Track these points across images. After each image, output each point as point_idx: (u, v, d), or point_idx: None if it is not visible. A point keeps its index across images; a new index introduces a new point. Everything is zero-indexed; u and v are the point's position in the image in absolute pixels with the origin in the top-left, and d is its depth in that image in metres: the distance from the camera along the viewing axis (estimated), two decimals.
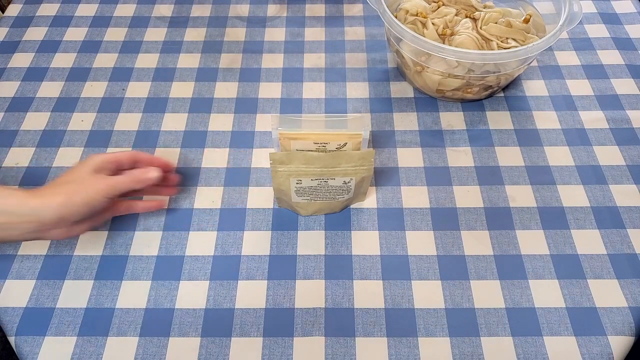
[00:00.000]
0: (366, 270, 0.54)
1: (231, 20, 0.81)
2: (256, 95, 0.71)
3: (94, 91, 0.71)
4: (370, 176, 0.53)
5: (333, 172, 0.51)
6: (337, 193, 0.54)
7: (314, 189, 0.53)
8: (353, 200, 0.58)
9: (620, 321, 0.50)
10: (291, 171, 0.51)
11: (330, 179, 0.51)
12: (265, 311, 0.52)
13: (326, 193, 0.54)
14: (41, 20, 0.81)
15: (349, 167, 0.51)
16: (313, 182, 0.52)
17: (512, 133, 0.66)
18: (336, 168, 0.51)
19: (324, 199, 0.55)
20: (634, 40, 0.77)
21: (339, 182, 0.52)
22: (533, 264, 0.54)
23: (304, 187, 0.52)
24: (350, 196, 0.56)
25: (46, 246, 0.56)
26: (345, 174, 0.51)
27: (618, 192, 0.60)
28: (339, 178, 0.52)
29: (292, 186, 0.52)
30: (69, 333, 0.50)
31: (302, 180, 0.51)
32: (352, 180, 0.52)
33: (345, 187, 0.53)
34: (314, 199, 0.55)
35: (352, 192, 0.54)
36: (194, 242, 0.57)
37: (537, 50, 0.58)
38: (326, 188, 0.53)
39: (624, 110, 0.68)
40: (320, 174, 0.51)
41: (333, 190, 0.53)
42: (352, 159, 0.51)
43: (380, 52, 0.76)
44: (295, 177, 0.51)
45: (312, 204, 0.56)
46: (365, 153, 0.51)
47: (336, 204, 0.57)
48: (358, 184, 0.54)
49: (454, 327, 0.50)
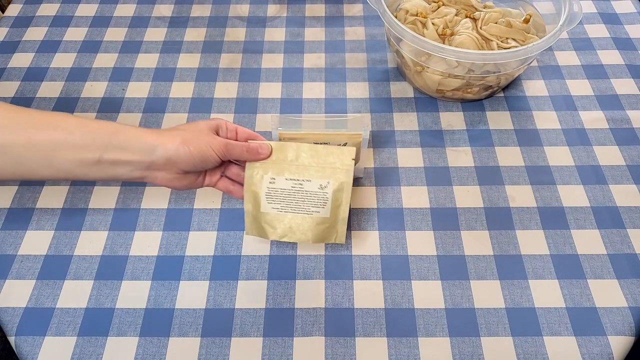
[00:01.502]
0: (366, 270, 0.54)
1: (231, 20, 0.81)
2: (256, 95, 0.71)
3: (94, 91, 0.71)
4: (349, 185, 0.49)
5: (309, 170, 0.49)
6: (311, 202, 0.50)
7: (287, 193, 0.50)
8: (330, 232, 0.51)
9: (620, 321, 0.50)
10: (266, 165, 0.49)
11: (305, 180, 0.49)
12: (265, 311, 0.52)
13: (300, 202, 0.50)
14: (41, 20, 0.81)
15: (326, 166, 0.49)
16: (287, 182, 0.49)
17: (512, 133, 0.66)
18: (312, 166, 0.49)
19: (297, 211, 0.50)
20: (634, 40, 0.77)
21: (314, 186, 0.49)
22: (533, 264, 0.54)
23: (276, 188, 0.49)
24: (327, 216, 0.50)
25: (46, 246, 0.56)
26: (322, 174, 0.49)
27: (618, 192, 0.60)
28: (315, 180, 0.49)
29: (265, 186, 0.49)
30: (69, 333, 0.50)
31: (275, 179, 0.49)
32: (329, 184, 0.49)
33: (321, 194, 0.49)
34: (285, 209, 0.50)
35: (328, 207, 0.50)
36: (194, 242, 0.57)
37: (537, 50, 0.58)
38: (301, 194, 0.50)
39: (624, 110, 0.68)
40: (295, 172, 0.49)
41: (308, 198, 0.50)
42: (332, 156, 0.49)
43: (380, 52, 0.76)
44: (269, 174, 0.49)
45: (283, 218, 0.50)
46: (345, 150, 0.49)
47: (310, 225, 0.50)
48: (335, 196, 0.50)
49: (454, 327, 0.50)
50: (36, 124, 0.39)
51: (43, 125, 0.40)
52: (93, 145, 0.41)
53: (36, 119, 0.40)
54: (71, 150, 0.40)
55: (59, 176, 0.42)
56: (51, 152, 0.40)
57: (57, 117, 0.41)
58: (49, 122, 0.40)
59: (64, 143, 0.40)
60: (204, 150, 0.45)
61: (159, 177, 0.46)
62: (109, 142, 0.42)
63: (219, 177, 0.51)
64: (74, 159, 0.41)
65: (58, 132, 0.40)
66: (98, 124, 0.42)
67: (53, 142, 0.40)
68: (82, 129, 0.41)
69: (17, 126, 0.39)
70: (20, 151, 0.39)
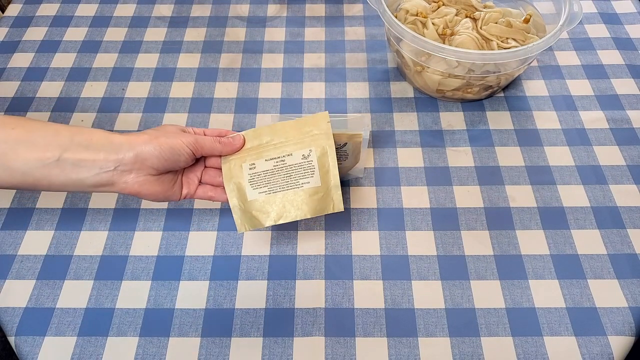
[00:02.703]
0: (366, 270, 0.54)
1: (231, 20, 0.81)
2: (256, 95, 0.71)
3: (94, 91, 0.71)
4: (332, 149, 0.46)
5: (287, 144, 0.47)
6: (298, 174, 0.47)
7: (270, 173, 0.47)
8: (327, 202, 0.48)
9: (621, 321, 0.50)
10: (242, 155, 0.47)
11: (287, 155, 0.46)
12: (265, 311, 0.52)
13: (286, 178, 0.47)
14: (41, 20, 0.81)
15: (305, 137, 0.47)
16: (268, 163, 0.47)
17: (512, 133, 0.66)
18: (290, 140, 0.47)
19: (286, 188, 0.47)
20: (634, 40, 0.77)
21: (297, 158, 0.46)
22: (533, 264, 0.54)
23: (258, 172, 0.47)
24: (318, 184, 0.47)
25: (46, 246, 0.56)
26: (302, 145, 0.46)
27: (618, 192, 0.60)
28: (296, 153, 0.46)
29: (246, 174, 0.47)
30: (69, 333, 0.50)
31: (255, 163, 0.47)
32: (312, 152, 0.46)
33: (306, 164, 0.46)
34: (274, 189, 0.47)
35: (317, 175, 0.47)
36: (194, 242, 0.57)
37: (537, 50, 0.58)
38: (285, 170, 0.47)
39: (624, 110, 0.68)
40: (275, 151, 0.47)
41: (293, 171, 0.47)
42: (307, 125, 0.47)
43: (380, 52, 0.76)
44: (247, 162, 0.47)
45: (274, 200, 0.47)
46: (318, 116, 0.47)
47: (303, 198, 0.47)
48: (321, 162, 0.47)
49: (454, 327, 0.50)
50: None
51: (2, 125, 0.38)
52: (54, 143, 0.39)
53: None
54: (29, 148, 0.38)
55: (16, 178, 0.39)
56: (8, 151, 0.38)
57: (19, 119, 0.39)
58: (8, 122, 0.38)
59: (23, 141, 0.38)
60: (174, 144, 0.43)
61: (129, 181, 0.43)
62: (71, 140, 0.39)
63: (197, 184, 0.49)
64: (31, 158, 0.38)
65: (17, 130, 0.38)
66: (63, 125, 0.40)
67: (10, 140, 0.38)
68: (44, 127, 0.39)
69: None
70: None
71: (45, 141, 0.38)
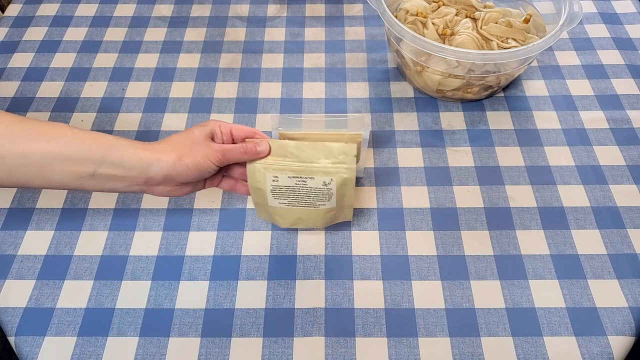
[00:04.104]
0: (366, 270, 0.54)
1: (231, 20, 0.81)
2: (256, 95, 0.71)
3: (94, 91, 0.71)
4: (352, 180, 0.49)
5: (311, 168, 0.47)
6: (317, 197, 0.50)
7: (291, 189, 0.49)
8: (338, 216, 0.53)
9: (621, 321, 0.50)
10: (267, 165, 0.48)
11: (309, 178, 0.48)
12: (265, 311, 0.52)
13: (305, 197, 0.50)
14: (41, 20, 0.81)
15: (328, 164, 0.48)
16: (290, 180, 0.48)
17: (512, 133, 0.66)
18: (314, 164, 0.47)
19: (304, 205, 0.51)
20: (634, 40, 0.77)
21: (318, 183, 0.48)
22: (533, 264, 0.54)
23: (280, 186, 0.49)
24: (333, 206, 0.51)
25: (46, 246, 0.56)
26: (325, 172, 0.48)
27: (618, 192, 0.60)
28: (318, 177, 0.48)
29: (269, 184, 0.48)
30: (69, 333, 0.50)
31: (278, 177, 0.48)
32: (333, 181, 0.48)
33: (325, 190, 0.49)
34: (292, 204, 0.50)
35: (334, 199, 0.50)
36: (194, 242, 0.57)
37: (537, 50, 0.58)
38: (305, 190, 0.49)
39: (624, 110, 0.68)
40: (297, 171, 0.48)
41: (313, 193, 0.49)
42: (332, 153, 0.48)
43: (380, 52, 0.76)
44: (271, 173, 0.48)
45: (291, 211, 0.51)
46: (346, 147, 0.48)
47: (317, 215, 0.52)
48: (340, 190, 0.49)
49: (454, 327, 0.50)
50: (31, 135, 0.39)
51: (38, 136, 0.39)
52: (88, 159, 0.41)
53: (32, 130, 0.39)
54: (65, 163, 0.40)
55: (54, 187, 0.42)
56: (45, 164, 0.39)
57: (54, 128, 0.40)
58: (44, 133, 0.39)
59: (59, 156, 0.40)
60: (200, 163, 0.45)
61: (157, 190, 0.46)
62: (104, 157, 0.41)
63: (220, 178, 0.51)
64: (68, 172, 0.41)
65: (52, 144, 0.39)
66: (94, 137, 0.42)
67: (47, 154, 0.39)
68: (78, 142, 0.40)
69: (12, 136, 0.38)
70: (14, 161, 0.39)
71: (79, 157, 0.40)
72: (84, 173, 0.41)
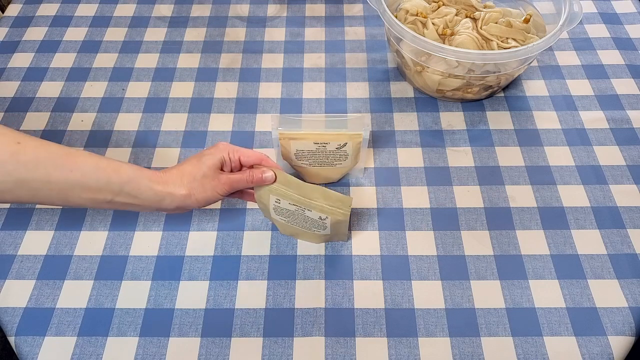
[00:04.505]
0: (366, 270, 0.54)
1: (231, 20, 0.81)
2: (256, 95, 0.71)
3: (94, 91, 0.71)
4: (347, 221, 0.51)
5: (309, 203, 0.49)
6: (313, 226, 0.52)
7: (291, 213, 0.51)
8: (333, 239, 0.55)
9: (621, 321, 0.50)
10: (271, 188, 0.49)
11: (307, 209, 0.50)
12: (265, 311, 0.52)
13: (303, 222, 0.52)
14: (41, 20, 0.81)
15: (325, 205, 0.49)
16: (291, 206, 0.50)
17: (512, 133, 0.66)
18: (312, 201, 0.49)
19: (301, 227, 0.53)
20: (634, 40, 0.77)
21: (315, 216, 0.50)
22: (533, 264, 0.54)
23: (282, 207, 0.51)
24: (328, 233, 0.53)
25: (46, 246, 0.56)
26: (321, 210, 0.49)
27: (618, 192, 0.60)
28: (315, 213, 0.50)
29: (271, 203, 0.51)
30: (69, 333, 0.50)
31: (280, 201, 0.50)
32: (328, 219, 0.50)
33: (321, 223, 0.51)
34: (291, 223, 0.53)
35: (329, 230, 0.52)
36: (194, 242, 0.57)
37: (537, 50, 0.58)
38: (303, 217, 0.51)
39: (624, 110, 0.68)
40: (297, 201, 0.49)
41: (309, 221, 0.51)
42: (330, 198, 0.49)
43: (380, 52, 0.76)
44: (275, 196, 0.50)
45: (289, 227, 0.54)
46: (344, 198, 0.49)
47: (313, 236, 0.54)
48: (334, 226, 0.51)
49: (454, 327, 0.50)
50: (55, 163, 0.42)
51: (61, 166, 0.42)
52: (106, 189, 0.44)
53: (56, 157, 0.42)
54: (85, 190, 0.43)
55: (73, 207, 0.47)
56: (66, 190, 0.43)
57: (76, 157, 0.43)
58: (67, 164, 0.42)
59: (79, 184, 0.43)
60: (209, 197, 0.48)
61: (171, 211, 0.50)
62: (121, 188, 0.44)
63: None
64: (87, 198, 0.44)
65: (74, 173, 0.42)
66: (113, 168, 0.45)
67: (68, 182, 0.42)
68: (97, 173, 0.44)
69: (37, 163, 0.41)
70: (38, 185, 0.41)
71: (98, 186, 0.44)
72: (102, 200, 0.45)
